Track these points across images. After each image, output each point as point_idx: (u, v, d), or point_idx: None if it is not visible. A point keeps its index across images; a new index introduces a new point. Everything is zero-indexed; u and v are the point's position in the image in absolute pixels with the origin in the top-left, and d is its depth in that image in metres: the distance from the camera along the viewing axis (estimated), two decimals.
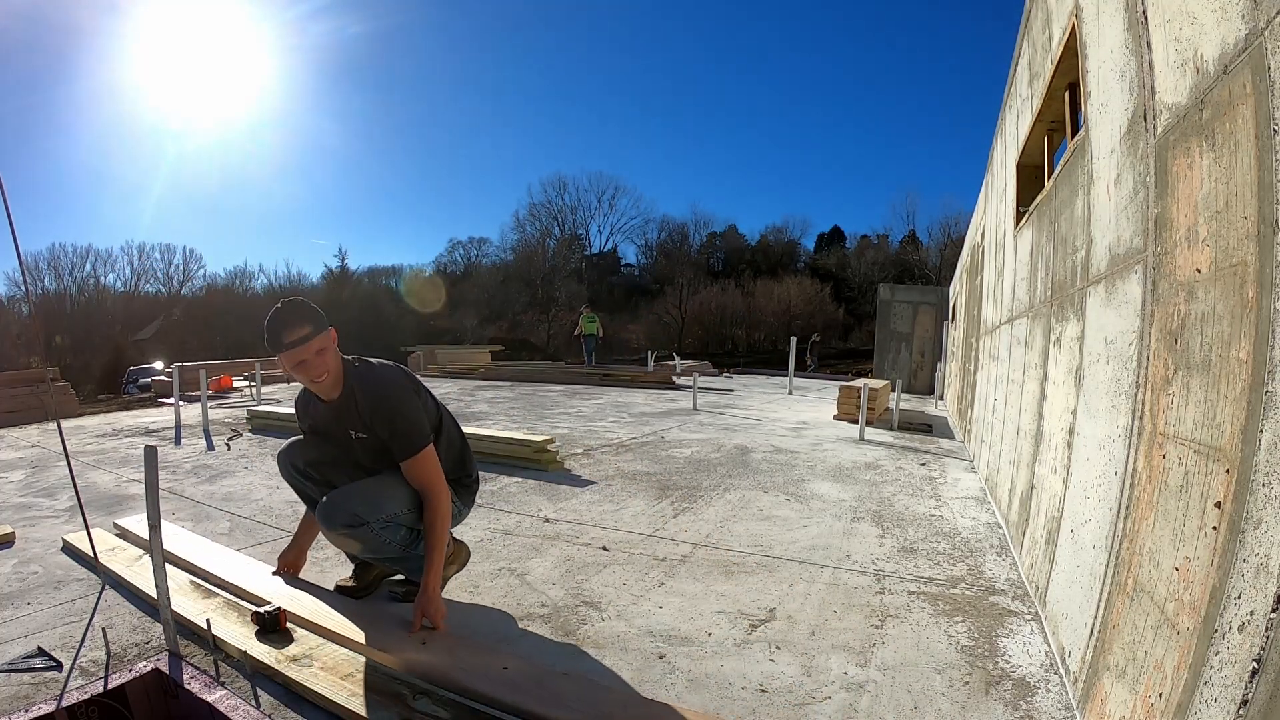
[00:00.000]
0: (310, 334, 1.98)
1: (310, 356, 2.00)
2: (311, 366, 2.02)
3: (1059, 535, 2.13)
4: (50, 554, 2.73)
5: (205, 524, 3.22)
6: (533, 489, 4.00)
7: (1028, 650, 2.03)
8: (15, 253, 3.89)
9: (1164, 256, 1.39)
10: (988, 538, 3.20)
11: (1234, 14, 1.05)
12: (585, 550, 2.90)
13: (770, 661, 1.94)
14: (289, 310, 2.00)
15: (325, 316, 2.07)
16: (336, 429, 2.22)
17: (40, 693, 1.68)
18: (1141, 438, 1.47)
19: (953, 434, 6.95)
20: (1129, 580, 1.43)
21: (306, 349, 1.98)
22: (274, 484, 4.00)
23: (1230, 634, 0.98)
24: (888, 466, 4.93)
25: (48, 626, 2.06)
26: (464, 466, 2.41)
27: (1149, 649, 1.27)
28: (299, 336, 1.97)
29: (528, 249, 51.23)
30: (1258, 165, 0.99)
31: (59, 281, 42.13)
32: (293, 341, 1.97)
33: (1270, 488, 0.92)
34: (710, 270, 50.93)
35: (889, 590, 2.51)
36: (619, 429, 6.53)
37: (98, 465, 4.62)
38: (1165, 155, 1.38)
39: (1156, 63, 1.42)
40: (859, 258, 47.90)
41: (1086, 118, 2.11)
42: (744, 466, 4.76)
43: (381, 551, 2.15)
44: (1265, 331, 0.97)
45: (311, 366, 2.02)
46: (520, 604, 2.33)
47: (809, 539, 3.12)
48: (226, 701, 1.63)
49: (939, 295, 13.20)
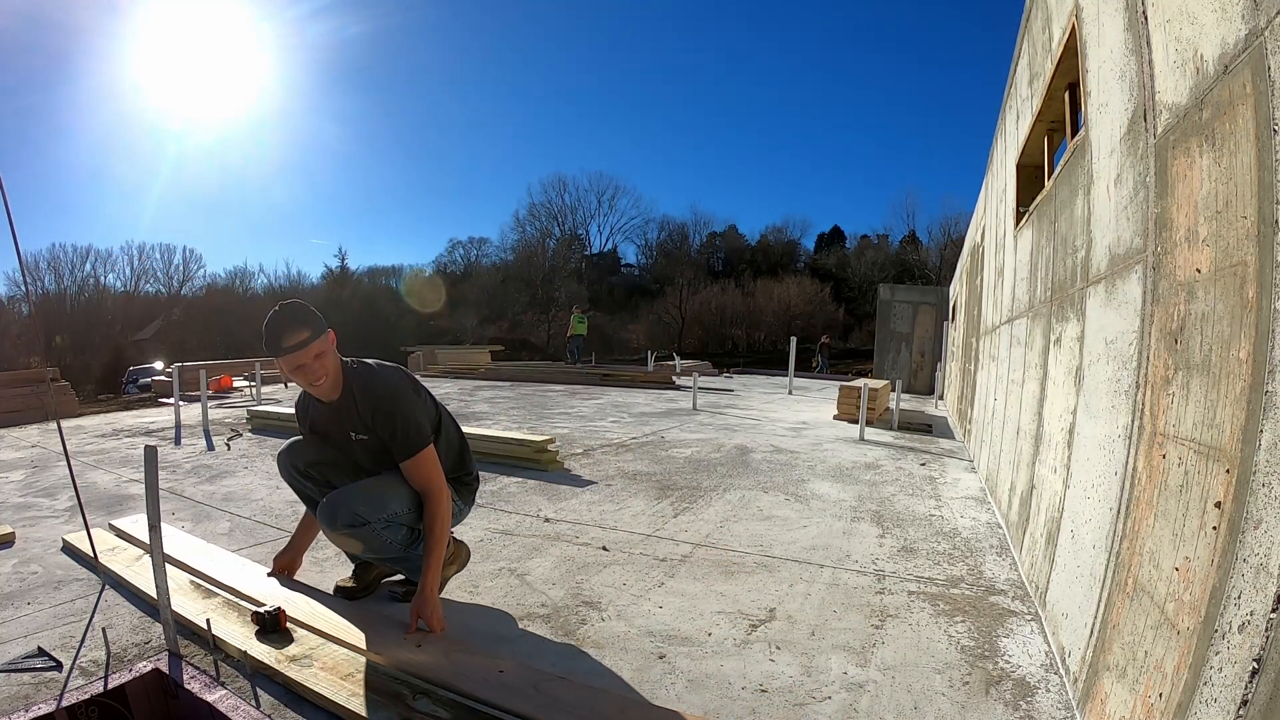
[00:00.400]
0: (308, 339, 1.97)
1: (308, 361, 1.99)
2: (309, 371, 2.01)
3: (1059, 535, 2.13)
4: (50, 554, 2.73)
5: (205, 524, 3.22)
6: (533, 489, 4.00)
7: (1028, 650, 2.03)
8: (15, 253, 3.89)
9: (1164, 256, 1.39)
10: (988, 538, 3.20)
11: (1234, 14, 1.05)
12: (585, 550, 2.90)
13: (770, 661, 1.94)
14: (287, 314, 1.99)
15: (324, 319, 2.06)
16: (336, 430, 2.22)
17: (40, 693, 1.68)
18: (1141, 438, 1.47)
19: (953, 434, 6.95)
20: (1129, 580, 1.43)
21: (305, 354, 1.98)
22: (274, 484, 4.00)
23: (1230, 634, 0.98)
24: (888, 466, 4.93)
25: (48, 626, 2.06)
26: (464, 465, 2.41)
27: (1149, 649, 1.27)
28: (297, 341, 1.96)
29: (528, 249, 51.24)
30: (1258, 165, 0.99)
31: (59, 281, 42.18)
32: (290, 346, 1.96)
33: (1270, 488, 0.92)
34: (710, 270, 50.93)
35: (889, 590, 2.51)
36: (619, 429, 6.53)
37: (98, 465, 4.62)
38: (1165, 155, 1.38)
39: (1156, 63, 1.42)
40: (859, 258, 47.89)
41: (1086, 118, 2.11)
42: (744, 466, 4.76)
43: (382, 551, 2.15)
44: (1265, 331, 0.97)
45: (309, 371, 2.01)
46: (520, 604, 2.33)
47: (809, 539, 3.12)
48: (226, 701, 1.63)
49: (939, 295, 13.20)
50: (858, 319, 42.14)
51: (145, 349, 35.12)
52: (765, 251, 51.65)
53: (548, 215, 52.52)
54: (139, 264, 45.29)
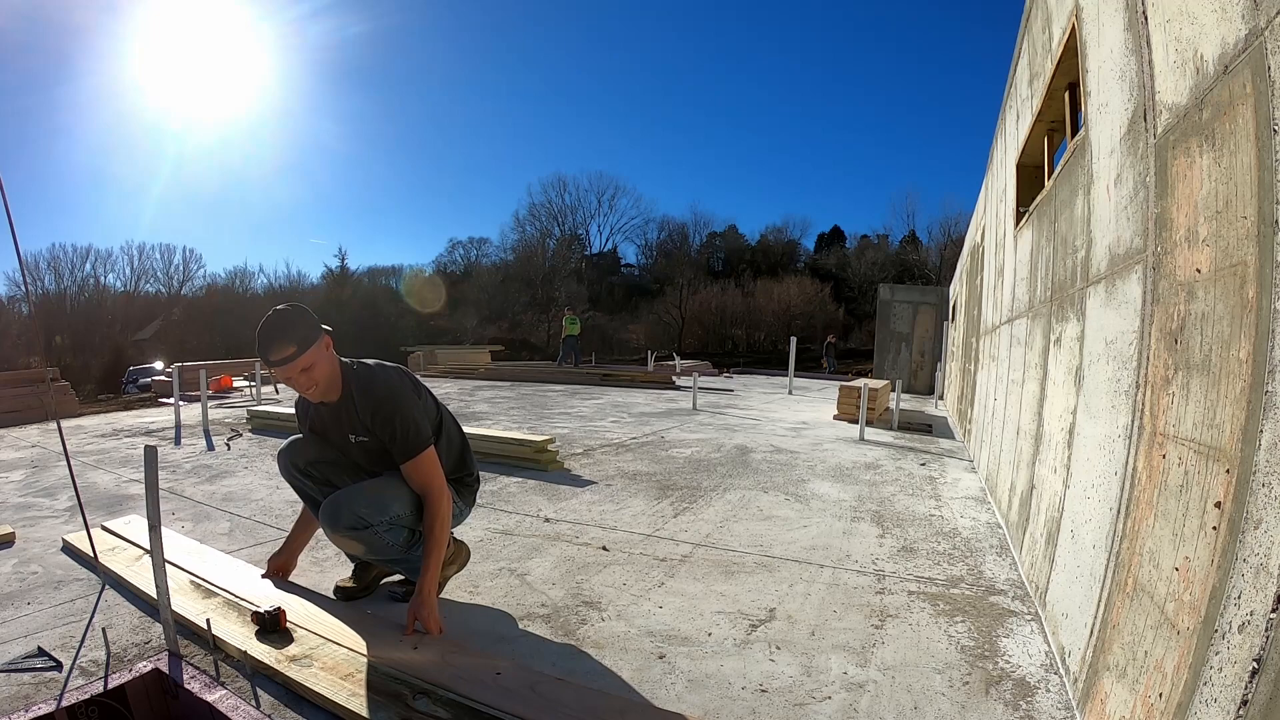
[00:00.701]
0: (293, 355, 1.96)
1: (295, 374, 2.00)
2: (297, 382, 2.03)
3: (1059, 535, 2.13)
4: (50, 554, 2.73)
5: (205, 524, 3.22)
6: (533, 489, 4.00)
7: (1028, 650, 2.03)
8: (15, 253, 3.88)
9: (1164, 256, 1.39)
10: (988, 538, 3.20)
11: (1234, 14, 1.05)
12: (585, 550, 2.90)
13: (770, 661, 1.94)
14: (275, 326, 1.98)
15: (317, 325, 2.04)
16: (336, 432, 2.22)
17: (40, 693, 1.68)
18: (1141, 438, 1.47)
19: (953, 434, 6.95)
20: (1129, 580, 1.43)
21: (290, 368, 1.98)
22: (274, 484, 4.00)
23: (1230, 634, 0.98)
24: (888, 466, 4.93)
25: (48, 626, 2.06)
26: (465, 465, 2.41)
27: (1149, 649, 1.27)
28: (281, 357, 1.96)
29: (528, 249, 51.24)
30: (1258, 165, 0.99)
31: (59, 281, 42.16)
32: (276, 361, 1.97)
33: (1270, 488, 0.92)
34: (710, 270, 50.94)
35: (889, 590, 2.51)
36: (619, 429, 6.53)
37: (98, 465, 4.62)
38: (1165, 155, 1.38)
39: (1156, 63, 1.42)
40: (859, 258, 47.89)
41: (1086, 118, 2.11)
42: (744, 466, 4.76)
43: (383, 553, 2.15)
44: (1265, 331, 0.97)
45: (297, 382, 2.03)
46: (520, 604, 2.33)
47: (809, 539, 3.12)
48: (226, 701, 1.63)
49: (939, 295, 13.20)
50: (858, 319, 42.16)
51: (145, 349, 35.14)
52: (765, 251, 51.66)
53: (548, 215, 52.60)
54: (139, 264, 45.35)
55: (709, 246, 54.15)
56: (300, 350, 1.97)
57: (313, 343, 2.01)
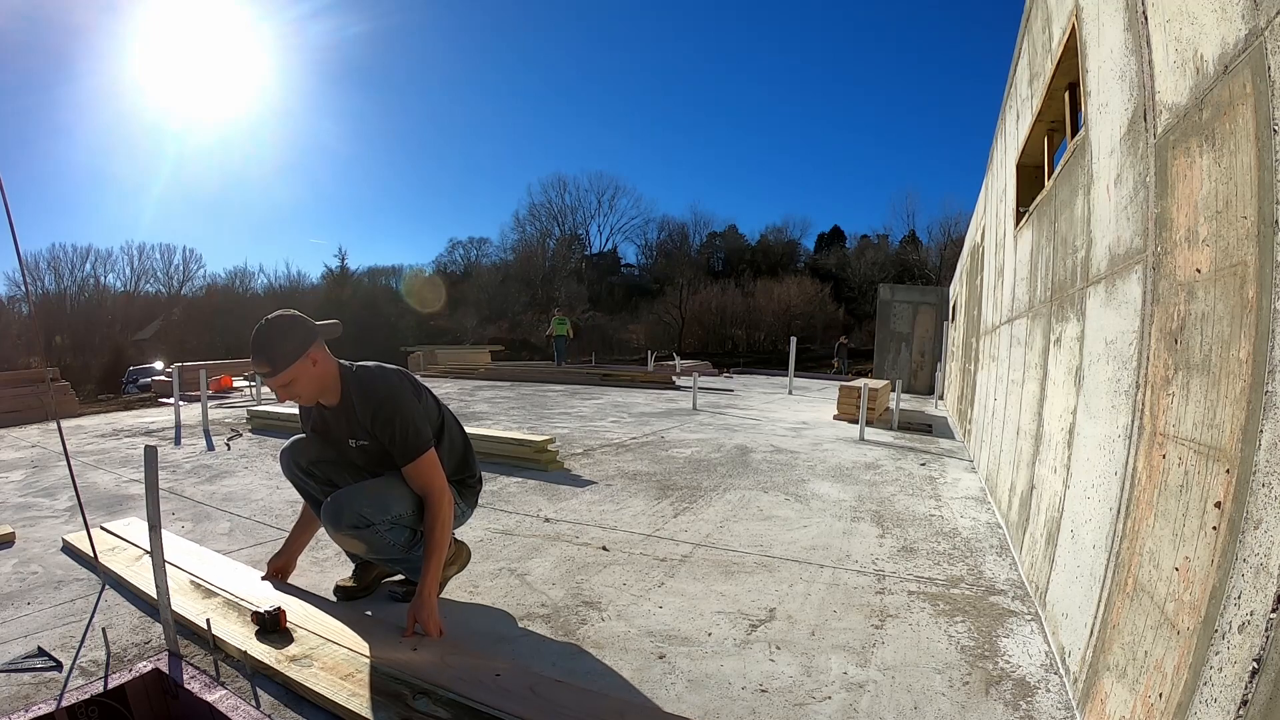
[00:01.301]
0: (269, 373, 1.98)
1: (276, 387, 2.02)
2: (279, 394, 2.06)
3: (1059, 535, 2.13)
4: (50, 554, 2.73)
5: (205, 524, 3.22)
6: (533, 489, 4.00)
7: (1028, 650, 2.03)
8: (15, 253, 3.88)
9: (1164, 256, 1.39)
10: (988, 538, 3.20)
11: (1234, 14, 1.05)
12: (585, 550, 2.90)
13: (770, 661, 1.94)
14: (257, 340, 1.98)
15: (305, 338, 2.02)
16: (336, 435, 2.23)
17: (40, 693, 1.68)
18: (1141, 438, 1.47)
19: (953, 434, 6.95)
20: (1129, 580, 1.43)
21: (273, 381, 2.01)
22: (274, 484, 4.00)
23: (1230, 634, 0.98)
24: (888, 466, 4.93)
25: (48, 626, 2.06)
26: (467, 467, 2.41)
27: (1149, 649, 1.27)
28: (260, 372, 2.01)
29: (528, 249, 51.28)
30: (1258, 165, 0.99)
31: (59, 281, 42.18)
32: (260, 374, 2.02)
33: (1270, 488, 0.92)
34: (710, 270, 50.97)
35: (889, 590, 2.51)
36: (619, 429, 6.53)
37: (98, 465, 4.62)
38: (1165, 155, 1.38)
39: (1156, 63, 1.42)
40: (859, 258, 47.93)
41: (1086, 118, 2.11)
42: (744, 466, 4.76)
43: (385, 552, 2.15)
44: (1265, 331, 0.97)
45: (279, 394, 2.06)
46: (520, 604, 2.33)
47: (809, 539, 3.12)
48: (226, 701, 1.63)
49: (939, 295, 13.20)
50: (858, 319, 42.13)
51: (145, 349, 35.15)
52: (765, 251, 51.69)
53: (548, 215, 52.66)
54: (139, 264, 45.39)
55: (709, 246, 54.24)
56: (275, 370, 1.98)
57: (294, 359, 1.99)
